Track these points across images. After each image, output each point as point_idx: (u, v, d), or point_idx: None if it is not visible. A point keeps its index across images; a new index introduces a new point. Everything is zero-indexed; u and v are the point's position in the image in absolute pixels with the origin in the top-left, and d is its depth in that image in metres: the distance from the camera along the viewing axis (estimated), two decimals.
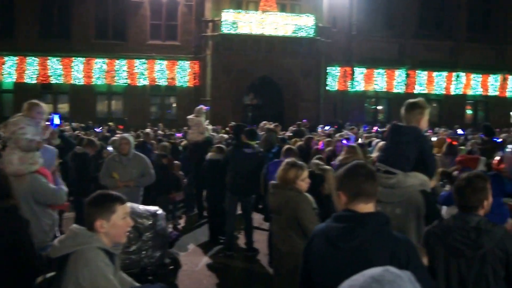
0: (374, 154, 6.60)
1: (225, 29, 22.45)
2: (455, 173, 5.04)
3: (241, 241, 7.94)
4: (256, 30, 22.61)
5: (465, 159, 5.06)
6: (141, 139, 10.85)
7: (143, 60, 23.71)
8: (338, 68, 25.29)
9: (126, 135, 7.30)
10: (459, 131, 16.66)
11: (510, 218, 4.47)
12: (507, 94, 28.39)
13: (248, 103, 27.06)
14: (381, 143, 7.11)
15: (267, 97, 26.01)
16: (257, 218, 8.80)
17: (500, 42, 28.20)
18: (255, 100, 27.49)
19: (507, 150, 5.01)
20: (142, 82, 23.87)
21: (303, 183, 4.27)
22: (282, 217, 4.22)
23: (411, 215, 3.78)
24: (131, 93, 23.91)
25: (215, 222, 8.11)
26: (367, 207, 2.30)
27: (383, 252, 2.21)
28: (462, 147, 9.99)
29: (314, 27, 23.19)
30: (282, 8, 24.04)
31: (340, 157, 6.39)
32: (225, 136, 12.88)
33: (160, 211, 4.41)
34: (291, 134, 13.25)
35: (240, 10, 23.04)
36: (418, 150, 3.90)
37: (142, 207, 4.44)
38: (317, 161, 6.16)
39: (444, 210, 4.98)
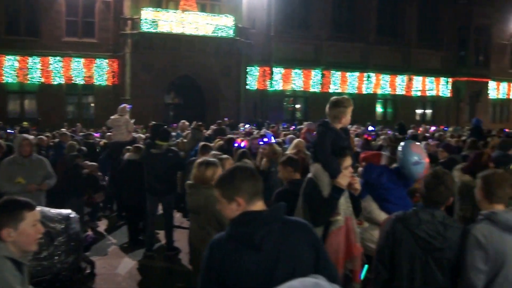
0: (290, 151, 6.74)
1: (144, 28, 22.14)
2: (360, 169, 5.22)
3: (162, 240, 7.86)
4: (176, 29, 22.52)
5: (369, 155, 5.18)
6: (57, 140, 10.54)
7: (59, 58, 22.75)
8: (258, 68, 25.83)
9: (26, 135, 6.87)
10: (370, 128, 17.72)
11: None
12: (413, 93, 30.77)
13: (170, 102, 26.90)
14: (296, 140, 7.37)
15: (188, 96, 25.98)
16: (177, 216, 8.76)
17: (406, 45, 30.44)
18: (176, 99, 27.38)
19: (399, 147, 5.29)
20: (58, 80, 22.92)
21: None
22: (201, 216, 4.20)
23: (302, 200, 4.01)
24: (46, 92, 22.84)
25: (135, 222, 8.02)
26: (263, 205, 2.30)
27: (304, 243, 2.24)
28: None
29: (233, 27, 23.52)
30: (202, 8, 24.12)
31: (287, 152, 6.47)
32: (142, 136, 12.78)
33: (73, 214, 4.22)
34: (212, 132, 13.41)
35: (159, 9, 22.80)
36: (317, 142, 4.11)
37: (54, 211, 4.21)
38: (214, 152, 6.22)
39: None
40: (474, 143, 8.99)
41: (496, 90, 34.16)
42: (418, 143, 5.30)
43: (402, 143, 4.99)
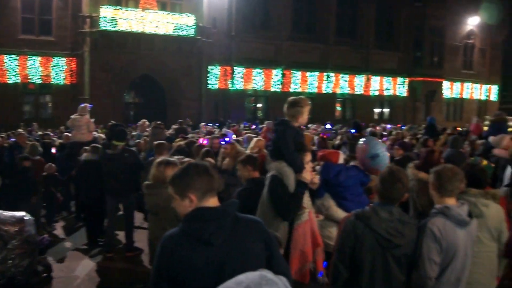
0: (250, 150, 6.80)
1: (103, 26, 21.79)
2: (318, 167, 5.28)
3: (122, 241, 7.73)
4: (136, 27, 22.26)
5: (327, 153, 5.26)
6: (13, 140, 10.29)
7: (14, 56, 21.98)
8: (219, 67, 25.82)
9: None
10: (328, 126, 18.06)
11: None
12: (371, 92, 31.51)
13: (130, 102, 26.57)
14: (256, 138, 7.45)
15: (149, 95, 25.74)
16: (139, 217, 8.67)
17: (364, 46, 31.18)
18: (137, 99, 27.08)
19: (359, 143, 5.41)
20: (14, 79, 22.16)
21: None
22: (161, 217, 4.16)
23: (268, 197, 4.10)
24: (1, 91, 22.05)
25: (94, 223, 7.92)
26: (216, 201, 2.33)
27: (256, 240, 2.28)
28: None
29: (194, 26, 23.48)
30: (163, 6, 23.93)
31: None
32: (102, 136, 12.62)
33: (27, 217, 4.13)
34: (173, 132, 13.37)
35: (119, 7, 22.46)
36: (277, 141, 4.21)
37: (7, 213, 4.12)
38: (177, 155, 6.18)
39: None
40: (426, 141, 9.40)
41: (450, 89, 35.42)
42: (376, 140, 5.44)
43: (363, 138, 5.17)
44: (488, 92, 38.49)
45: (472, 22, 35.56)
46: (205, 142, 8.87)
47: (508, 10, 37.85)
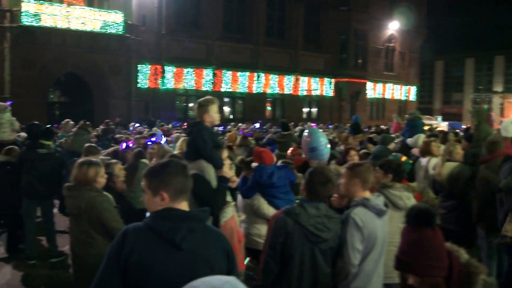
0: (177, 150, 6.76)
1: (25, 21, 20.76)
2: (254, 164, 5.38)
3: (45, 247, 7.33)
4: (61, 23, 21.45)
5: (260, 154, 5.27)
6: None
7: None
8: (149, 66, 25.44)
9: None
10: (256, 125, 18.45)
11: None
12: (299, 93, 32.43)
13: (55, 101, 25.60)
14: (181, 139, 7.40)
15: (75, 94, 24.93)
16: (63, 220, 8.03)
17: (293, 47, 32.03)
18: (63, 98, 26.13)
19: (304, 134, 5.52)
20: None
21: (103, 179, 4.18)
22: (83, 220, 3.99)
23: (191, 196, 4.19)
24: None
25: (13, 230, 7.41)
26: (187, 205, 2.26)
27: (220, 251, 2.23)
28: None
29: (123, 24, 23.00)
30: (90, 2, 23.20)
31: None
32: (24, 135, 12.09)
33: None
34: (101, 132, 13.13)
35: (42, 1, 21.47)
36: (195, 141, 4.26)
37: None
38: (103, 157, 6.07)
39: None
40: (347, 139, 10.03)
41: (373, 90, 37.27)
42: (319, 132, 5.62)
43: (305, 131, 5.37)
44: (408, 92, 40.96)
45: (393, 26, 37.67)
46: (130, 144, 8.69)
47: (424, 16, 40.56)
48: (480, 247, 5.45)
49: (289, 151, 7.09)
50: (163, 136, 10.60)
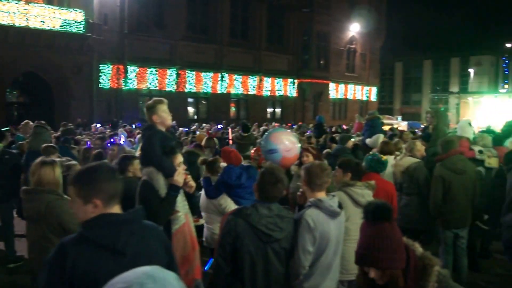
0: (139, 152, 6.83)
1: None
2: (222, 164, 5.41)
3: (3, 252, 7.11)
4: (19, 21, 20.81)
5: (229, 155, 5.30)
6: None
7: None
8: (111, 66, 24.98)
9: None
10: (219, 126, 18.52)
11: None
12: (263, 93, 32.65)
13: (13, 101, 24.85)
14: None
15: (35, 94, 24.30)
16: (22, 224, 8.12)
17: (256, 48, 32.20)
18: (21, 98, 25.40)
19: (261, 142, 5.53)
20: None
21: (60, 179, 4.02)
22: (42, 224, 3.82)
23: (138, 203, 3.98)
24: None
25: None
26: (119, 208, 2.19)
27: (159, 246, 2.22)
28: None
29: (84, 23, 22.52)
30: (49, 0, 22.63)
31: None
32: None
33: None
34: (60, 133, 12.84)
35: None
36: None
37: None
38: (64, 158, 5.95)
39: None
40: (309, 139, 10.25)
41: (335, 91, 37.93)
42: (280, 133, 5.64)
43: (266, 133, 5.41)
44: (369, 93, 41.90)
45: (354, 29, 38.45)
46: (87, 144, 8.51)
47: (384, 19, 41.60)
48: (440, 242, 5.71)
49: (252, 151, 7.17)
50: (126, 136, 10.50)
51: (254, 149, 6.87)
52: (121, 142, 8.73)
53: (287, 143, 5.14)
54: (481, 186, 5.84)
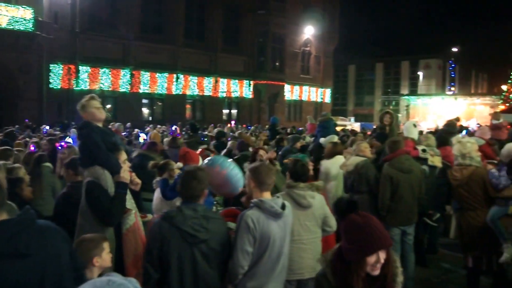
0: None
1: None
2: (179, 165, 5.28)
3: None
4: None
5: (188, 155, 5.21)
6: None
7: None
8: (62, 66, 24.28)
9: None
10: (173, 128, 18.36)
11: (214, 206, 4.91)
12: (219, 94, 32.61)
13: None
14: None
15: None
16: None
17: (212, 49, 32.11)
18: None
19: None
20: None
21: (4, 181, 3.89)
22: None
23: (87, 205, 3.89)
24: None
25: None
26: (7, 215, 2.15)
27: (63, 247, 2.21)
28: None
29: (33, 20, 21.85)
30: None
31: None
32: None
33: None
34: (3, 137, 12.34)
35: None
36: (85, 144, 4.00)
37: None
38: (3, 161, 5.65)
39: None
40: (266, 140, 10.35)
41: (290, 92, 38.40)
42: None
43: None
44: (323, 94, 42.65)
45: (308, 31, 39.03)
46: (32, 148, 8.17)
47: (338, 22, 42.51)
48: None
49: (199, 150, 7.13)
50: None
51: (199, 150, 6.79)
52: (69, 142, 8.49)
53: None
54: (425, 184, 6.09)
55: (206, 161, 4.21)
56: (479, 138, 6.91)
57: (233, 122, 28.08)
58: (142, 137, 13.46)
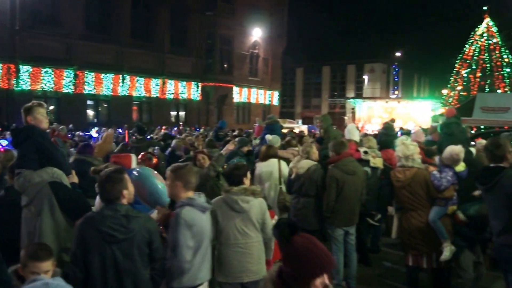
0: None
1: None
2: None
3: None
4: None
5: (118, 156, 5.12)
6: None
7: None
8: (1, 65, 23.17)
9: None
10: (120, 130, 18.01)
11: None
12: (167, 96, 32.19)
13: None
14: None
15: None
16: None
17: (159, 50, 31.66)
18: None
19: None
20: None
21: None
22: None
23: (46, 207, 3.87)
24: None
25: None
26: None
27: None
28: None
29: None
30: None
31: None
32: None
33: None
34: None
35: None
36: (36, 147, 3.97)
37: None
38: None
39: None
40: (211, 142, 10.32)
41: (239, 94, 38.53)
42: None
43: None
44: (271, 97, 43.09)
45: (256, 34, 39.28)
46: None
47: (286, 25, 43.06)
48: (331, 240, 6.03)
49: (140, 156, 6.98)
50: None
51: (141, 155, 6.62)
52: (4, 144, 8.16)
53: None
54: (367, 185, 6.29)
55: (134, 173, 4.17)
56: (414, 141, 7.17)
57: (181, 125, 27.87)
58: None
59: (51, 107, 26.54)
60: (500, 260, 4.53)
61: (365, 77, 53.95)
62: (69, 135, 14.35)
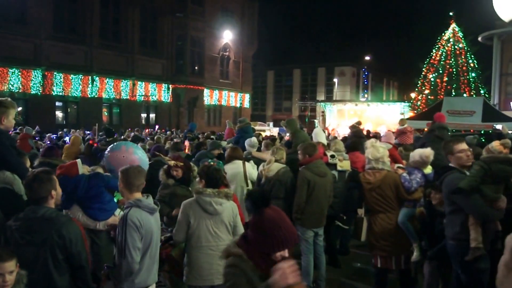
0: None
1: None
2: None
3: None
4: None
5: (66, 166, 4.82)
6: None
7: None
8: None
9: None
10: (88, 132, 17.76)
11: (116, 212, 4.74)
12: (137, 98, 31.83)
13: None
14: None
15: None
16: None
17: (129, 51, 31.33)
18: None
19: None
20: None
21: None
22: None
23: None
24: None
25: None
26: None
27: None
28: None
29: None
30: None
31: None
32: None
33: None
34: None
35: None
36: None
37: None
38: None
39: None
40: (177, 144, 10.30)
41: (210, 97, 38.44)
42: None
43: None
44: (242, 99, 43.12)
45: (227, 36, 39.29)
46: None
47: (257, 28, 43.27)
48: (301, 241, 6.10)
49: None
50: None
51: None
52: None
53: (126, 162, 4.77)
54: (335, 188, 6.39)
55: (110, 147, 4.27)
56: (386, 143, 7.29)
57: (156, 127, 27.65)
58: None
59: (19, 109, 25.90)
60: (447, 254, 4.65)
61: (335, 80, 54.63)
62: (36, 138, 14.05)
